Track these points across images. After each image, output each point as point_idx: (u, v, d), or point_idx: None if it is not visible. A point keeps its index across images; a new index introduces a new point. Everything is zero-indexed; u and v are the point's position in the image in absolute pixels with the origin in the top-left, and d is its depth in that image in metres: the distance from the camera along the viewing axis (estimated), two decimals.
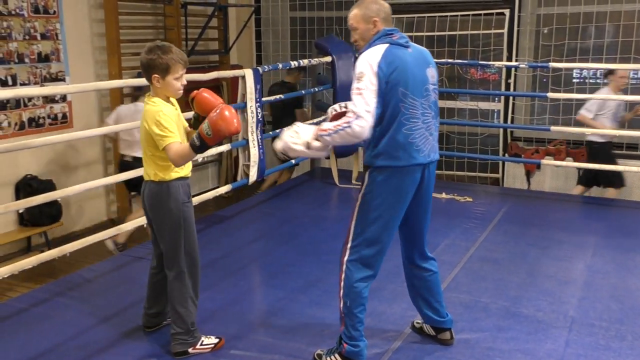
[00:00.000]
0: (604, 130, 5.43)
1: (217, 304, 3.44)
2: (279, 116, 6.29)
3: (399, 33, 2.72)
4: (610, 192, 5.68)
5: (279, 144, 2.74)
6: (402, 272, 3.08)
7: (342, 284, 2.80)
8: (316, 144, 2.65)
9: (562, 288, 3.67)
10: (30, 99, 5.11)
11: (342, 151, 5.95)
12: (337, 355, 2.80)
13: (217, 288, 3.66)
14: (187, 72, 2.85)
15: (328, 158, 6.10)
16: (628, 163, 5.65)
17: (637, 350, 2.96)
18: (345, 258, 2.79)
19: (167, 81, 2.72)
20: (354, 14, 2.78)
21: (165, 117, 2.68)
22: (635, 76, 6.27)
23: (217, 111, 2.58)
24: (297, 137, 2.68)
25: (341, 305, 2.80)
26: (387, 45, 2.64)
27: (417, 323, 3.15)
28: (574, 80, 6.54)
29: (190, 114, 3.00)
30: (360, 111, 2.54)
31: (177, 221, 2.81)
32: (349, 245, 2.79)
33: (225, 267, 3.98)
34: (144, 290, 3.07)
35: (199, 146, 2.58)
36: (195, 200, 4.63)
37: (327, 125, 2.64)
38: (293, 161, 5.86)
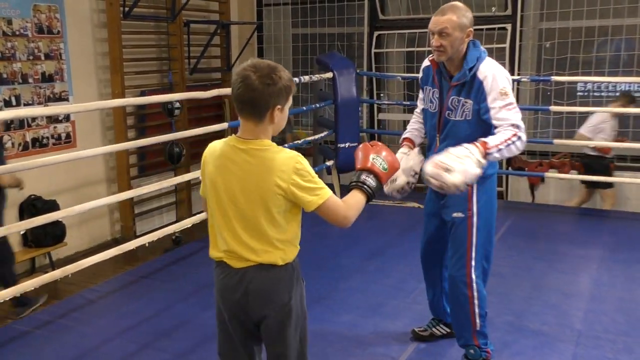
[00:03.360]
0: (606, 143, 5.49)
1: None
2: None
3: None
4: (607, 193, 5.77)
5: (457, 178, 2.37)
6: (404, 288, 3.06)
7: (475, 301, 2.77)
8: (484, 161, 2.47)
9: (568, 301, 3.64)
10: (34, 119, 5.14)
11: (345, 166, 5.95)
12: None
13: None
14: (188, 90, 2.82)
15: (330, 174, 6.10)
16: (633, 175, 5.64)
17: None
18: (473, 275, 2.75)
19: (284, 112, 1.97)
20: (448, 18, 2.57)
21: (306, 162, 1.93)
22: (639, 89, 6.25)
23: (374, 146, 2.11)
24: (467, 160, 2.40)
25: (478, 320, 2.78)
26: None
27: (421, 330, 3.14)
28: (578, 94, 6.54)
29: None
30: (522, 124, 2.55)
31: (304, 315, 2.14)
32: (472, 263, 2.74)
33: None
34: (146, 310, 3.06)
35: (376, 186, 2.05)
36: (198, 217, 4.65)
37: (492, 141, 2.49)
38: None
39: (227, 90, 5.29)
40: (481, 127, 2.61)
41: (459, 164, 2.38)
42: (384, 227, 5.23)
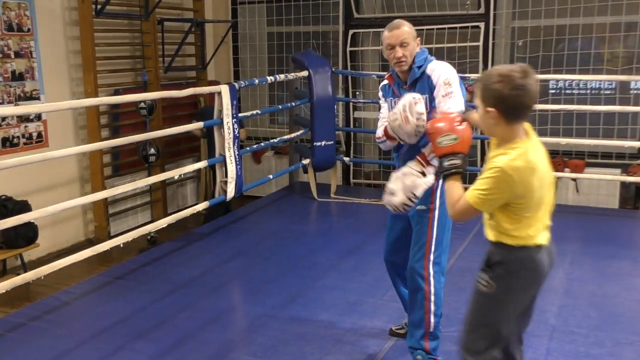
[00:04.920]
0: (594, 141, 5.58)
1: (196, 323, 3.40)
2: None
3: None
4: None
5: (399, 198, 2.58)
6: (381, 286, 3.08)
7: (431, 297, 2.81)
8: (432, 168, 2.61)
9: (542, 296, 3.61)
10: (4, 119, 5.04)
11: (321, 165, 5.96)
12: None
13: (197, 306, 3.62)
14: (163, 89, 2.80)
15: (306, 172, 6.10)
16: (604, 172, 5.75)
17: (616, 356, 2.98)
18: (431, 269, 2.79)
19: None
20: (405, 30, 2.76)
21: None
22: (610, 86, 6.35)
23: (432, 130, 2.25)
24: (407, 177, 2.58)
25: (433, 320, 2.83)
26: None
27: (398, 328, 3.16)
28: (550, 92, 6.63)
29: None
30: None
31: None
32: (431, 257, 2.80)
33: (204, 285, 3.95)
34: (122, 312, 3.03)
35: (454, 163, 2.17)
36: (174, 217, 4.62)
37: (427, 148, 2.60)
38: (271, 176, 5.85)
39: (202, 89, 5.27)
40: None
41: (399, 183, 2.61)
42: (360, 225, 5.25)
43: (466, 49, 6.64)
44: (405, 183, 2.60)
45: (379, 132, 2.92)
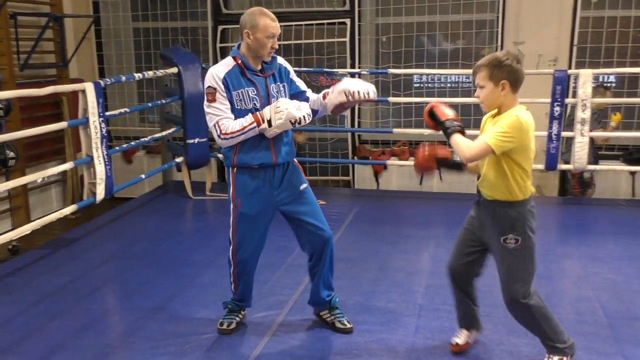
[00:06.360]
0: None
1: (68, 331, 3.25)
2: None
3: None
4: None
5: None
6: (259, 279, 3.12)
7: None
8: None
9: (411, 278, 3.92)
10: None
11: (195, 163, 5.89)
12: None
13: (68, 314, 3.46)
14: (20, 87, 2.66)
15: (180, 171, 6.00)
16: None
17: None
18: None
19: None
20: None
21: None
22: (468, 80, 6.83)
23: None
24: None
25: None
26: None
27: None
28: (414, 85, 7.00)
29: None
30: None
31: None
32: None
33: (75, 292, 3.78)
34: (22, 303, 2.81)
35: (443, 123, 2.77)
36: (38, 223, 4.37)
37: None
38: (143, 176, 5.69)
39: (63, 87, 5.01)
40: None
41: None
42: None
43: (334, 45, 6.84)
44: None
45: (241, 123, 2.93)
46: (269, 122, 2.88)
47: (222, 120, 2.92)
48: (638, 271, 4.04)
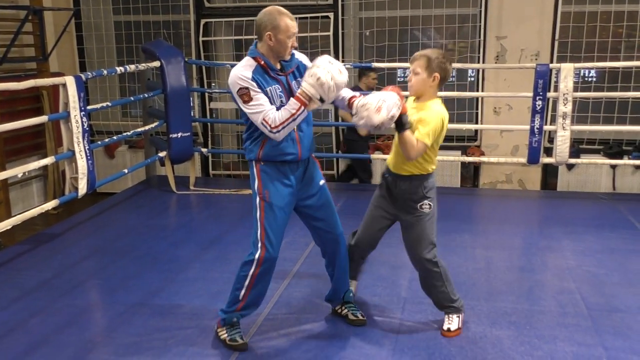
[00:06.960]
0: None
1: (50, 326, 3.23)
2: None
3: None
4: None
5: (377, 119, 2.76)
6: None
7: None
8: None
9: (395, 272, 3.94)
10: None
11: (178, 157, 5.85)
12: None
13: (51, 309, 3.43)
14: None
15: (163, 165, 5.96)
16: (446, 154, 6.22)
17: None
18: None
19: None
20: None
21: None
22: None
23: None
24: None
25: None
26: None
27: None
28: (398, 79, 7.01)
29: None
30: None
31: None
32: None
33: (58, 287, 3.75)
34: (4, 300, 2.79)
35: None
36: (19, 218, 4.32)
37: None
38: (126, 171, 5.65)
39: (43, 81, 4.94)
40: None
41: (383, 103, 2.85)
42: (221, 216, 5.25)
43: (318, 39, 6.83)
44: (389, 103, 2.78)
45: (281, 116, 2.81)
46: (320, 98, 2.77)
47: (267, 114, 2.79)
48: (618, 264, 4.10)
